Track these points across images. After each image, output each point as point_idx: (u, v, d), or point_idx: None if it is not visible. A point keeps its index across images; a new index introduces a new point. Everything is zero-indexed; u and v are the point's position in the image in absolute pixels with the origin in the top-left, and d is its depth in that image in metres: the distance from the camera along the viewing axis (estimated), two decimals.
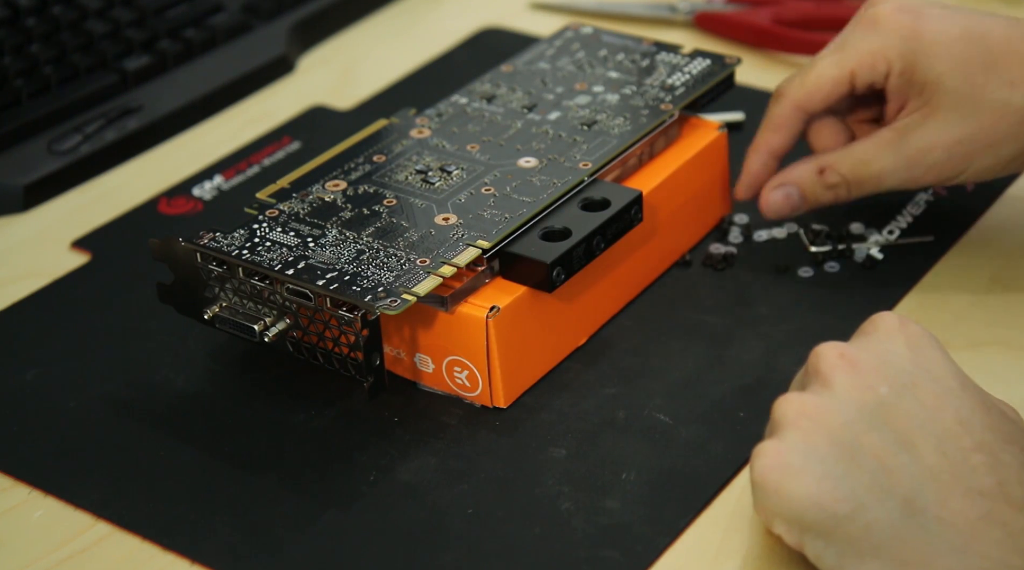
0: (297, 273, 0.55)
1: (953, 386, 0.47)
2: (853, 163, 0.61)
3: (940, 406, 0.46)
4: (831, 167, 0.62)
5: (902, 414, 0.46)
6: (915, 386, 0.47)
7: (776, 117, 0.63)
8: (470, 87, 0.68)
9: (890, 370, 0.47)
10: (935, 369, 0.48)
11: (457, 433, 0.57)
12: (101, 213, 0.72)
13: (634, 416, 0.57)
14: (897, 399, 0.47)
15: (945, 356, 0.49)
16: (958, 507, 0.44)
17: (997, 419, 0.47)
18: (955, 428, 0.46)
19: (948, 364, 0.48)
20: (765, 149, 0.64)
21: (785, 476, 0.46)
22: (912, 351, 0.48)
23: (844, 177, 0.61)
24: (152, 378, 0.61)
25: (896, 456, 0.45)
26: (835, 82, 0.61)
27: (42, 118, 0.76)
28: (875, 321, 0.50)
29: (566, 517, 0.52)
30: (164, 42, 0.82)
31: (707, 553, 0.51)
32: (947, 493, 0.45)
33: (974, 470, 0.45)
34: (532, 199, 0.59)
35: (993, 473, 0.45)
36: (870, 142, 0.61)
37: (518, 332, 0.57)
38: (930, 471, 0.45)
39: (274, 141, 0.77)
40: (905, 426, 0.46)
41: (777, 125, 0.63)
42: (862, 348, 0.48)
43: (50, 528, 0.54)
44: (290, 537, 0.52)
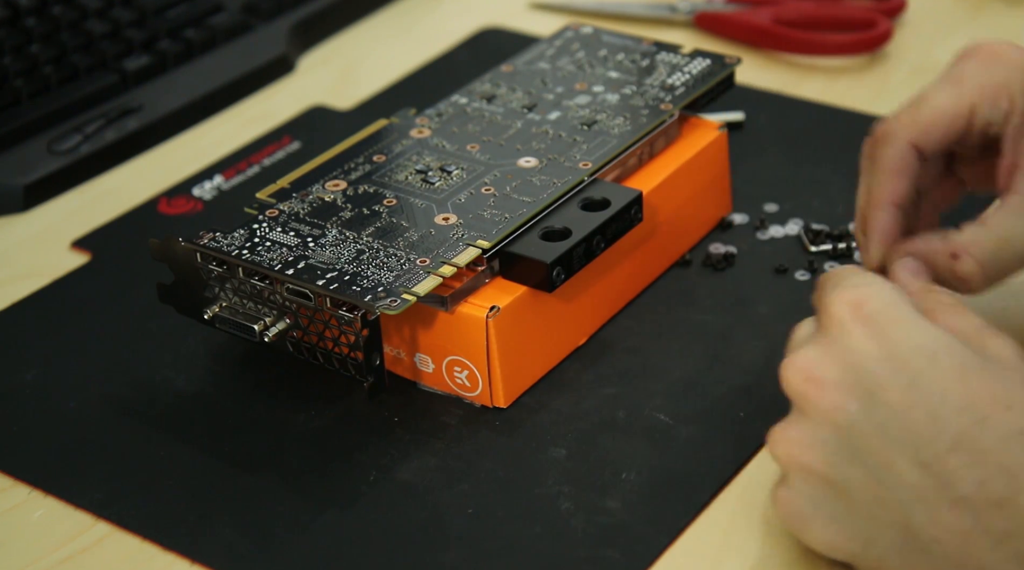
0: (297, 273, 0.55)
1: (922, 366, 0.45)
2: (995, 242, 0.51)
3: (910, 405, 0.45)
4: (966, 252, 0.51)
5: (875, 431, 0.45)
6: (882, 388, 0.45)
7: (892, 160, 0.53)
8: (470, 87, 0.68)
9: (854, 376, 0.46)
10: (901, 351, 0.45)
11: (457, 433, 0.57)
12: (101, 213, 0.72)
13: (634, 416, 0.57)
14: (867, 413, 0.45)
15: (911, 323, 0.46)
16: (947, 522, 0.44)
17: (979, 382, 0.45)
18: (928, 428, 0.44)
19: (915, 336, 0.46)
20: (889, 200, 0.54)
21: (800, 524, 0.48)
22: (873, 339, 0.46)
23: (981, 265, 0.52)
24: (152, 378, 0.61)
25: (881, 484, 0.45)
26: (953, 117, 0.53)
27: (42, 118, 0.76)
28: (828, 313, 0.47)
29: (566, 517, 0.52)
30: (164, 42, 0.82)
31: (707, 553, 0.51)
32: (934, 510, 0.44)
33: (953, 476, 0.44)
34: (532, 199, 0.59)
35: (972, 472, 0.44)
36: (1009, 214, 0.52)
37: (518, 332, 0.57)
38: (914, 490, 0.45)
39: (274, 141, 0.77)
40: (880, 445, 0.45)
41: (895, 170, 0.53)
42: (824, 355, 0.47)
43: (50, 528, 0.54)
44: (290, 537, 0.52)
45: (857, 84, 0.79)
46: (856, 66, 0.81)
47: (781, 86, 0.79)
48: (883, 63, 0.81)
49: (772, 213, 0.68)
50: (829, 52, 0.81)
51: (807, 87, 0.79)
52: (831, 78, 0.80)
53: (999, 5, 0.86)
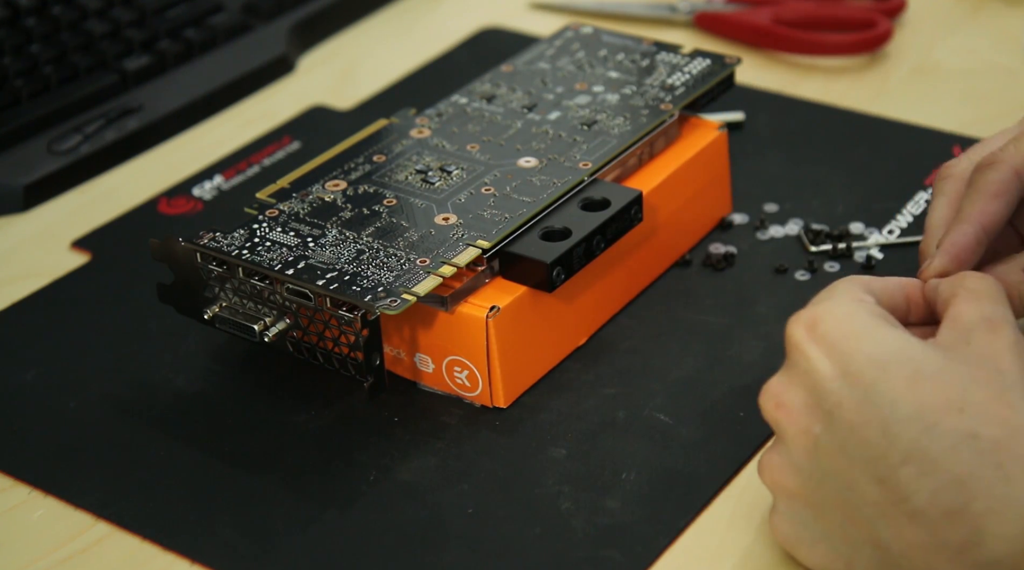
0: (297, 273, 0.55)
1: (873, 377, 0.45)
2: None
3: (864, 421, 0.45)
4: None
5: (836, 450, 0.45)
6: (839, 406, 0.45)
7: (992, 183, 0.53)
8: (470, 87, 0.68)
9: (815, 398, 0.46)
10: (853, 365, 0.45)
11: (457, 433, 0.57)
12: (101, 213, 0.72)
13: (634, 416, 0.57)
14: (830, 435, 0.46)
15: (864, 335, 0.46)
16: (908, 536, 0.44)
17: (931, 387, 0.44)
18: (881, 442, 0.44)
19: (867, 347, 0.46)
20: (979, 220, 0.52)
21: (791, 546, 0.49)
22: (828, 356, 0.46)
23: None
24: (152, 378, 0.61)
25: (847, 503, 0.46)
26: None
27: (42, 118, 0.76)
28: (787, 336, 0.48)
29: (566, 517, 0.52)
30: (164, 42, 0.82)
31: (707, 553, 0.51)
32: (896, 525, 0.44)
33: (908, 489, 0.44)
34: (532, 199, 0.59)
35: (924, 483, 0.43)
36: None
37: (518, 332, 0.57)
38: (876, 507, 0.45)
39: (274, 141, 0.77)
40: (843, 465, 0.45)
41: (994, 192, 0.53)
42: (789, 381, 0.47)
43: (50, 528, 0.54)
44: (290, 537, 0.52)
45: (857, 84, 0.79)
46: (856, 66, 0.81)
47: (781, 86, 0.79)
48: (883, 63, 0.81)
49: (772, 213, 0.68)
50: (829, 52, 0.81)
51: (807, 87, 0.79)
52: (831, 78, 0.80)
53: (999, 5, 0.86)
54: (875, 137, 0.74)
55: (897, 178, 0.70)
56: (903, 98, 0.78)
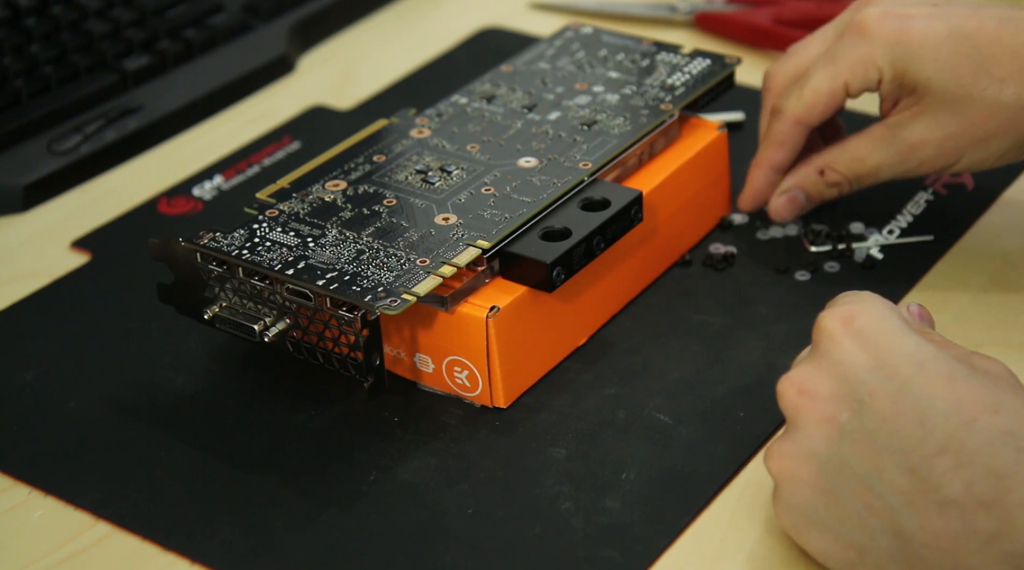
0: (297, 273, 0.55)
1: (910, 373, 0.46)
2: (849, 161, 0.63)
3: (898, 411, 0.46)
4: (830, 167, 0.64)
5: (865, 438, 0.46)
6: (872, 396, 0.46)
7: (777, 134, 0.64)
8: (470, 87, 0.68)
9: (846, 387, 0.47)
10: (890, 359, 0.46)
11: (457, 433, 0.57)
12: (101, 213, 0.72)
13: (634, 416, 0.57)
14: (858, 422, 0.46)
15: (900, 334, 0.47)
16: (936, 525, 0.45)
17: (967, 388, 0.46)
18: (916, 432, 0.45)
19: (904, 346, 0.47)
20: (768, 165, 0.65)
21: (798, 534, 0.49)
22: (864, 350, 0.47)
23: (843, 175, 0.63)
24: (152, 378, 0.61)
25: (871, 490, 0.46)
26: (830, 95, 0.62)
27: (42, 118, 0.76)
28: (820, 329, 0.49)
29: (566, 517, 0.52)
30: (164, 42, 0.82)
31: (707, 553, 0.51)
32: (923, 514, 0.45)
33: (941, 479, 0.44)
34: (532, 199, 0.59)
35: (959, 474, 0.44)
36: (864, 139, 0.63)
37: (518, 332, 0.57)
38: (903, 496, 0.45)
39: (274, 141, 0.77)
40: (870, 452, 0.46)
41: (780, 142, 0.64)
42: (817, 370, 0.48)
43: (50, 528, 0.54)
44: (290, 537, 0.52)
45: None
46: None
47: None
48: None
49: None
50: None
51: None
52: None
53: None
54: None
55: None
56: None
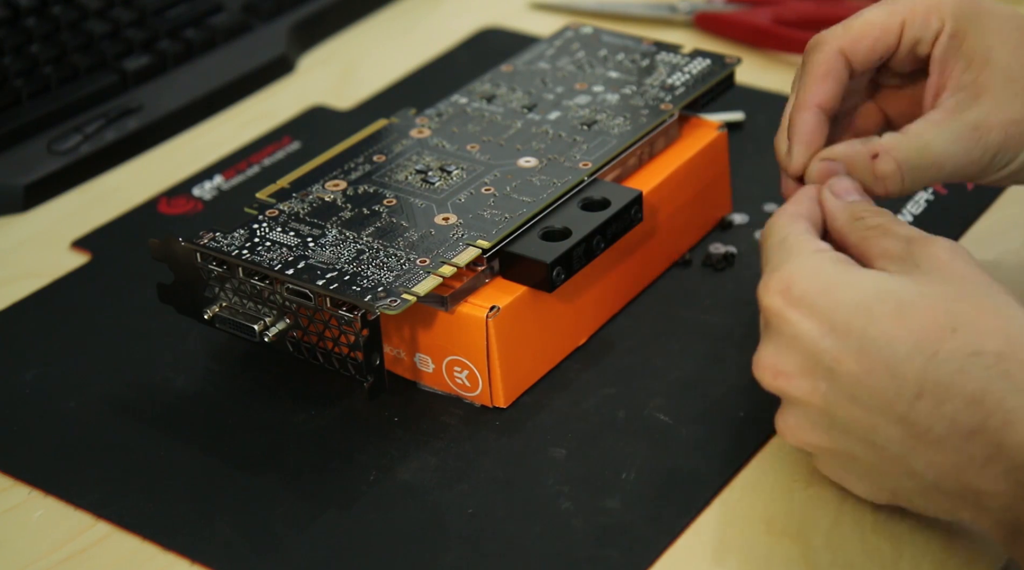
0: (297, 273, 0.55)
1: (862, 324, 0.46)
2: (911, 147, 0.53)
3: (867, 368, 0.46)
4: (886, 151, 0.53)
5: (848, 402, 0.47)
6: (838, 361, 0.46)
7: (820, 65, 0.54)
8: (470, 87, 0.68)
9: (811, 359, 0.47)
10: (839, 316, 0.46)
11: (457, 433, 0.57)
12: (101, 213, 0.72)
13: (634, 416, 0.57)
14: (836, 388, 0.47)
15: (839, 285, 0.47)
16: (938, 462, 0.46)
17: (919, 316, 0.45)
18: (891, 384, 0.46)
19: (846, 296, 0.47)
20: (814, 102, 0.54)
21: (842, 483, 0.50)
22: (811, 317, 0.47)
23: (899, 164, 0.53)
24: (152, 378, 0.61)
25: (874, 446, 0.47)
26: (883, 30, 0.54)
27: (42, 118, 0.76)
28: (763, 308, 0.49)
29: (566, 517, 0.52)
30: (164, 42, 0.82)
31: (707, 553, 0.51)
32: (925, 455, 0.46)
33: (928, 421, 0.45)
34: (532, 199, 0.59)
35: (941, 411, 0.45)
36: (925, 123, 0.54)
37: (518, 332, 0.57)
38: (902, 444, 0.46)
39: (274, 141, 0.77)
40: (858, 414, 0.47)
41: (823, 74, 0.54)
42: (778, 349, 0.48)
43: (50, 528, 0.54)
44: (290, 537, 0.52)
45: None
46: None
47: (781, 86, 0.79)
48: None
49: (772, 213, 0.68)
50: None
51: None
52: None
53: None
54: None
55: None
56: None
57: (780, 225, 0.51)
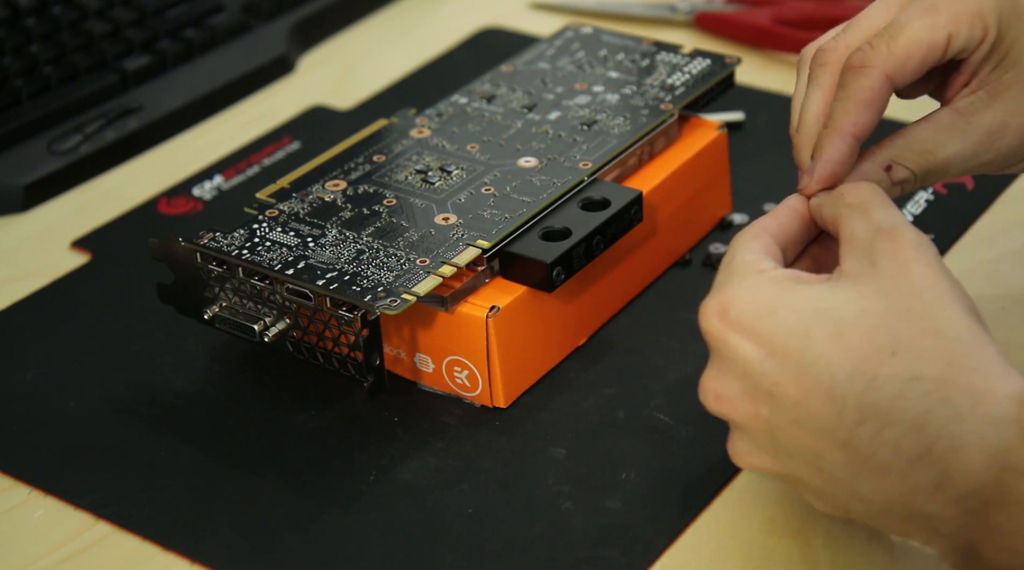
0: (297, 273, 0.55)
1: (800, 348, 0.45)
2: (918, 154, 0.53)
3: (806, 392, 0.45)
4: (897, 162, 0.53)
5: (791, 426, 0.45)
6: (777, 385, 0.45)
7: (864, 91, 0.51)
8: (470, 87, 0.68)
9: (751, 383, 0.46)
10: (776, 340, 0.45)
11: (457, 433, 0.57)
12: (101, 213, 0.72)
13: (634, 416, 0.57)
14: (778, 413, 0.46)
15: (775, 308, 0.46)
16: (885, 487, 0.44)
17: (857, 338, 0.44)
18: (831, 409, 0.44)
19: (783, 320, 0.46)
20: (851, 131, 0.52)
21: (801, 498, 0.49)
22: (749, 340, 0.46)
23: (912, 171, 0.53)
24: (152, 378, 0.61)
25: (821, 470, 0.46)
26: (930, 47, 0.51)
27: (42, 118, 0.76)
28: (703, 330, 0.48)
29: (566, 517, 0.52)
30: (164, 42, 0.82)
31: (707, 553, 0.51)
32: (871, 481, 0.45)
33: (870, 447, 0.44)
34: (532, 199, 0.59)
35: (884, 437, 0.44)
36: (930, 128, 0.53)
37: (518, 332, 0.57)
38: (847, 468, 0.45)
39: (274, 141, 0.77)
40: (802, 439, 0.45)
41: (866, 102, 0.51)
42: (719, 372, 0.47)
43: (50, 528, 0.54)
44: (290, 537, 0.52)
45: None
46: None
47: (781, 86, 0.79)
48: None
49: None
50: None
51: None
52: None
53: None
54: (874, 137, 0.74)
55: None
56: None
57: (736, 242, 0.50)
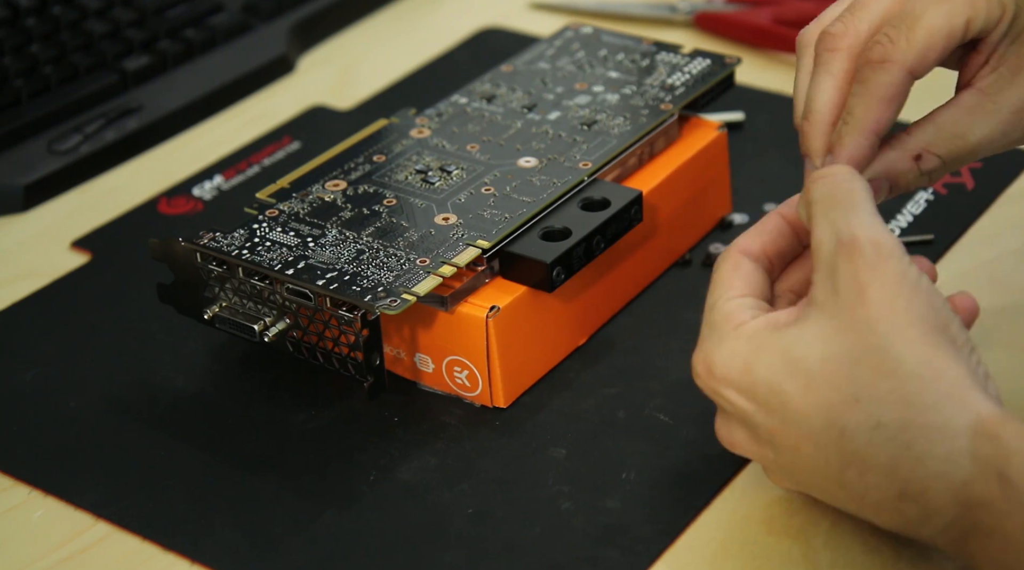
0: (297, 273, 0.55)
1: (779, 403, 0.47)
2: (948, 140, 0.52)
3: (795, 443, 0.47)
4: (928, 151, 0.52)
5: (794, 468, 0.48)
6: (772, 434, 0.48)
7: (886, 87, 0.50)
8: (470, 87, 0.68)
9: (752, 432, 0.49)
10: (759, 394, 0.47)
11: (457, 433, 0.57)
12: (101, 213, 0.72)
13: (634, 416, 0.57)
14: (779, 458, 0.48)
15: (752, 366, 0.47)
16: (886, 522, 0.47)
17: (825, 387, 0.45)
18: (819, 457, 0.47)
19: (760, 375, 0.47)
20: (873, 128, 0.51)
21: (786, 486, 0.51)
22: (740, 394, 0.48)
23: (942, 159, 0.52)
24: (152, 378, 0.61)
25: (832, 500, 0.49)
26: (949, 36, 0.50)
27: (42, 118, 0.76)
28: (698, 385, 0.50)
29: (566, 517, 0.52)
30: (164, 42, 0.82)
31: (707, 553, 0.51)
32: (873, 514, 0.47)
33: (860, 489, 0.46)
34: (532, 199, 0.59)
35: (867, 480, 0.46)
36: (957, 112, 0.52)
37: (518, 332, 0.57)
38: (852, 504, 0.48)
39: (274, 141, 0.77)
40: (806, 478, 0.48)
41: (888, 97, 0.50)
42: (724, 422, 0.50)
43: (50, 528, 0.54)
44: (290, 537, 0.52)
45: None
46: None
47: (781, 86, 0.79)
48: None
49: None
50: None
51: None
52: None
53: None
54: None
55: None
56: None
57: (717, 279, 0.51)
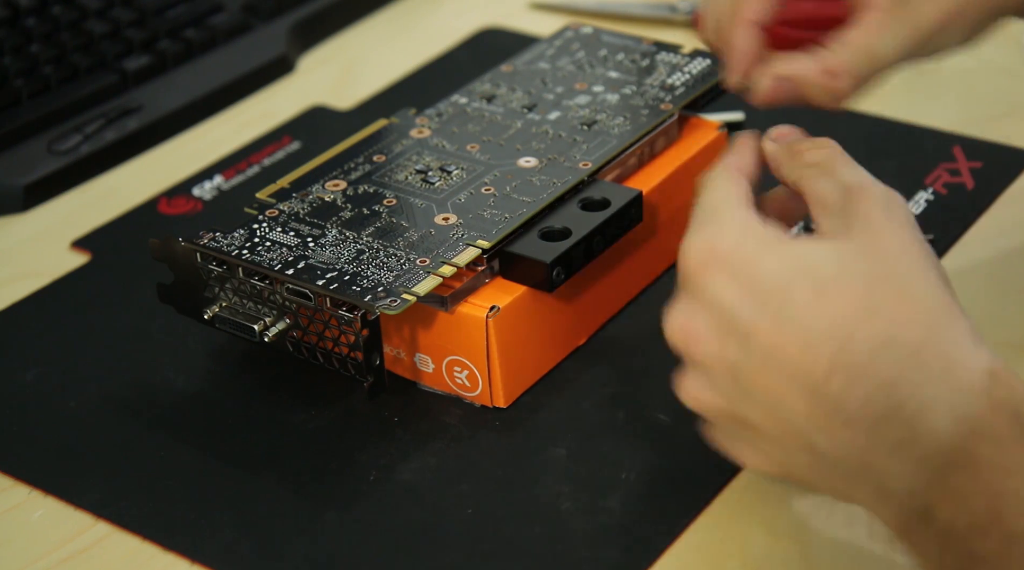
0: (297, 273, 0.55)
1: (781, 299, 0.45)
2: (858, 57, 0.54)
3: (781, 341, 0.45)
4: (843, 70, 0.54)
5: (758, 371, 0.45)
6: (753, 328, 0.45)
7: None
8: (470, 87, 0.68)
9: (725, 323, 0.46)
10: (759, 288, 0.45)
11: (457, 433, 0.57)
12: (101, 213, 0.72)
13: (634, 416, 0.57)
14: (747, 356, 0.45)
15: (763, 255, 0.46)
16: (844, 440, 0.44)
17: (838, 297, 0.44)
18: (804, 358, 0.44)
19: (769, 267, 0.46)
20: (752, 19, 0.55)
21: (732, 455, 0.48)
22: (732, 282, 0.46)
23: (853, 77, 0.54)
24: (152, 378, 0.61)
25: (778, 417, 0.45)
26: None
27: (42, 118, 0.76)
28: (685, 265, 0.48)
29: (566, 517, 0.52)
30: (164, 42, 0.82)
31: (707, 553, 0.51)
32: (830, 433, 0.44)
33: (839, 398, 0.44)
34: (532, 199, 0.59)
35: (854, 391, 0.43)
36: (866, 28, 0.54)
37: (518, 332, 0.57)
38: (808, 418, 0.44)
39: (274, 141, 0.77)
40: (767, 382, 0.45)
41: None
42: (694, 309, 0.47)
43: (50, 528, 0.54)
44: (290, 537, 0.52)
45: None
46: None
47: None
48: None
49: None
50: None
51: None
52: None
53: None
54: (874, 137, 0.74)
55: (897, 178, 0.70)
56: (903, 98, 0.78)
57: (717, 185, 0.50)
